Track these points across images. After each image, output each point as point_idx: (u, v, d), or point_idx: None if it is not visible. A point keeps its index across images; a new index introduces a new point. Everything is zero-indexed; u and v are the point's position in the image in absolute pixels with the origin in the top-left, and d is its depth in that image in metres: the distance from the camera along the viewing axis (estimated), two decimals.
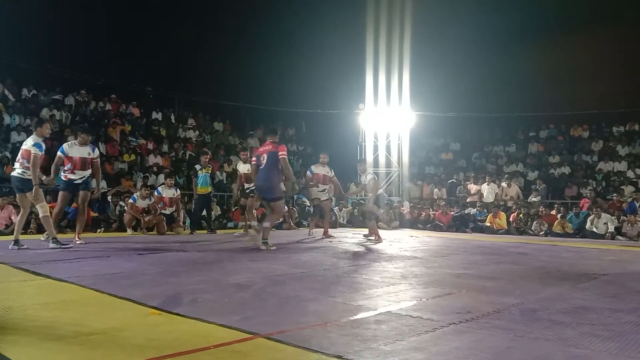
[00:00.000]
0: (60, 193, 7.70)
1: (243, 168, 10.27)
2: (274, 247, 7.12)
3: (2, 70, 16.27)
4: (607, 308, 3.42)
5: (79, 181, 7.67)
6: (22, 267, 4.85)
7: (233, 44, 23.60)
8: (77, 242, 7.47)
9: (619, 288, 4.37)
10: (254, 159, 7.59)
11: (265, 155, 7.22)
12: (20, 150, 6.93)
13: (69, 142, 7.80)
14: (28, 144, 6.80)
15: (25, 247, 6.67)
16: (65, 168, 7.62)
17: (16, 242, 6.71)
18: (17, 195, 7.05)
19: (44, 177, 7.15)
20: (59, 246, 6.66)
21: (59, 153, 7.65)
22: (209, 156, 11.75)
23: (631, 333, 2.77)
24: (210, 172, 11.45)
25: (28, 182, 6.74)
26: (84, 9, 20.01)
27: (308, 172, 10.54)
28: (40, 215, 6.91)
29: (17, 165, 6.89)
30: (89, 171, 7.77)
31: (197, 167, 11.29)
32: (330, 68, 22.01)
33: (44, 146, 6.90)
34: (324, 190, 10.32)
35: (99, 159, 7.99)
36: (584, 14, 20.74)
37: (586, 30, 20.34)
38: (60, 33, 19.33)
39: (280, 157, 7.11)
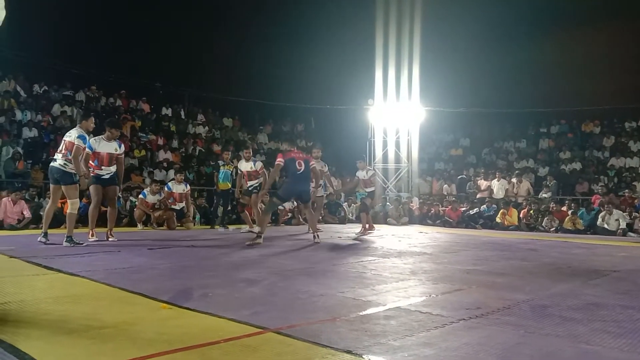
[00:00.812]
0: (93, 187, 7.36)
1: (246, 166, 10.13)
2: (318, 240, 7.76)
3: (15, 66, 16.43)
4: (619, 305, 3.39)
5: (107, 176, 7.45)
6: (34, 262, 4.90)
7: (242, 40, 23.63)
8: (110, 239, 7.37)
9: (631, 285, 4.34)
10: (279, 160, 7.82)
11: (302, 162, 7.73)
12: (63, 142, 6.86)
13: (96, 137, 7.57)
14: (72, 135, 6.77)
15: (50, 242, 6.69)
16: (92, 164, 7.37)
17: (45, 235, 6.78)
18: (51, 186, 6.98)
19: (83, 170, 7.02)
20: (72, 245, 6.57)
21: (87, 149, 7.32)
22: (230, 153, 11.85)
23: None
24: (232, 169, 11.47)
25: (67, 175, 6.73)
26: (94, 5, 20.12)
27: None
28: (69, 210, 6.82)
29: (58, 156, 6.82)
30: (115, 167, 7.56)
31: (220, 162, 11.39)
32: (339, 63, 21.98)
33: (87, 139, 6.96)
34: (320, 186, 10.25)
35: (123, 155, 7.84)
36: (596, 7, 20.47)
37: (598, 24, 20.12)
38: (71, 29, 19.44)
39: (313, 166, 8.07)
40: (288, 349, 2.30)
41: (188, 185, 11.98)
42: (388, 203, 15.79)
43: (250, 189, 10.04)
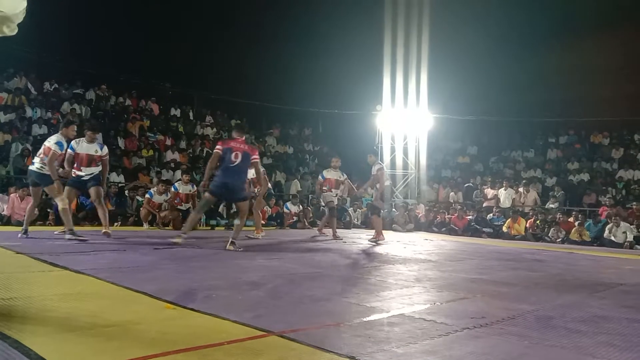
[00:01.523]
0: (67, 187, 7.65)
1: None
2: (241, 249, 6.75)
3: (26, 64, 16.56)
4: (625, 318, 3.36)
5: (87, 177, 7.71)
6: (41, 258, 4.92)
7: (251, 43, 23.70)
8: (102, 233, 7.65)
9: (637, 298, 4.30)
10: (218, 147, 7.02)
11: (239, 154, 6.83)
12: (43, 146, 7.17)
13: (77, 139, 7.88)
14: (51, 141, 7.08)
15: (31, 237, 6.96)
16: (74, 165, 7.73)
17: (25, 232, 7.11)
18: (32, 188, 7.39)
19: (60, 170, 7.42)
20: (74, 237, 6.83)
21: (69, 150, 7.74)
22: None
23: None
24: None
25: (45, 177, 6.99)
26: (105, 4, 20.26)
27: (320, 177, 10.39)
28: (60, 207, 7.09)
29: (36, 160, 7.14)
30: (98, 168, 7.79)
31: None
32: (348, 68, 21.98)
33: (65, 146, 7.24)
34: (336, 195, 10.21)
35: (108, 157, 8.05)
36: (607, 16, 20.39)
37: (611, 33, 20.00)
38: (82, 28, 19.59)
39: (253, 161, 7.06)
40: (291, 352, 2.30)
41: (195, 186, 12.01)
42: (394, 209, 15.76)
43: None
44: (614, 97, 20.08)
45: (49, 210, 10.51)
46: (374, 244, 8.90)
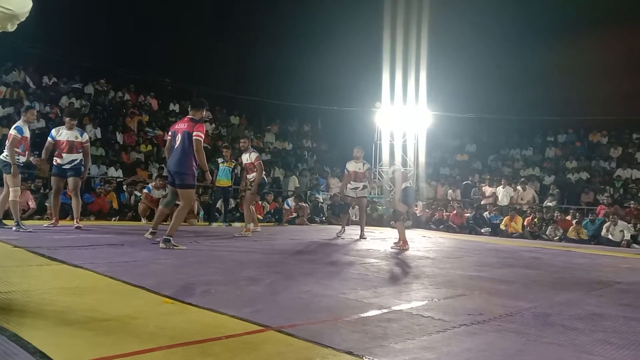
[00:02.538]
0: (53, 178, 8.03)
1: (244, 159, 9.41)
2: (184, 247, 6.06)
3: (25, 57, 16.50)
4: (622, 316, 3.38)
5: (67, 166, 7.86)
6: (39, 252, 4.92)
7: (251, 39, 23.62)
8: (75, 227, 7.78)
9: (634, 296, 4.32)
10: (169, 134, 6.62)
11: (179, 135, 6.14)
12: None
13: (57, 127, 8.13)
14: (11, 127, 7.34)
15: (29, 231, 6.99)
16: (56, 152, 7.88)
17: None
18: (4, 176, 7.43)
19: (32, 159, 7.70)
20: (19, 230, 6.91)
21: (48, 138, 7.94)
22: (230, 150, 11.83)
23: None
24: (232, 166, 11.46)
25: (7, 165, 7.17)
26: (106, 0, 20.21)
27: (345, 171, 9.79)
28: (11, 198, 7.20)
29: (5, 148, 7.37)
30: (79, 155, 7.97)
31: (220, 160, 11.40)
32: (348, 65, 21.93)
33: (25, 130, 7.32)
34: (356, 188, 9.49)
35: (89, 144, 8.33)
36: (608, 14, 20.36)
37: (612, 31, 19.96)
38: (82, 23, 19.52)
39: (195, 138, 6.07)
40: (289, 348, 2.30)
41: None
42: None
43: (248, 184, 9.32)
44: (613, 96, 20.07)
45: (46, 204, 10.50)
46: (397, 249, 7.47)
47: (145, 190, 11.36)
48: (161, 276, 4.01)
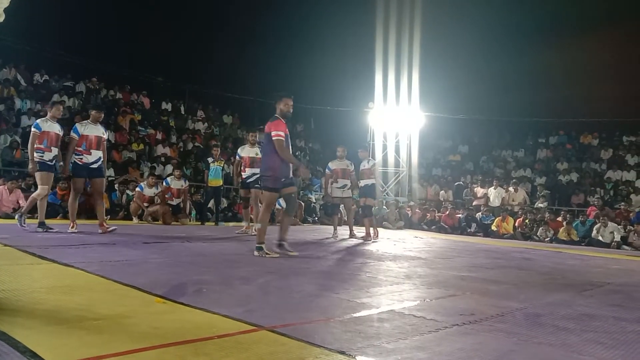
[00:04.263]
0: (75, 179, 7.26)
1: (250, 152, 9.00)
2: (277, 255, 5.76)
3: (16, 55, 16.39)
4: (612, 316, 3.40)
5: (95, 165, 7.25)
6: (29, 251, 4.88)
7: (244, 39, 23.67)
8: (100, 231, 7.23)
9: (624, 297, 4.35)
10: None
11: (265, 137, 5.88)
12: None
13: (82, 122, 7.52)
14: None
15: (55, 230, 6.94)
16: (80, 149, 7.17)
17: (41, 224, 7.01)
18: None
19: (60, 163, 7.25)
20: (21, 225, 6.98)
21: (72, 134, 7.25)
22: (219, 149, 11.80)
23: (635, 342, 2.76)
24: (222, 165, 11.45)
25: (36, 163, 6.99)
26: None
27: (327, 170, 9.82)
28: (33, 195, 7.13)
29: None
30: (102, 153, 7.42)
31: (210, 159, 11.35)
32: (341, 65, 22.01)
33: (44, 125, 7.08)
34: (344, 186, 9.48)
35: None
36: (597, 18, 20.53)
37: (600, 34, 20.13)
38: (73, 20, 19.42)
39: (273, 138, 5.67)
40: (282, 347, 2.30)
41: (187, 182, 11.98)
42: (385, 207, 15.81)
43: (251, 180, 8.78)
44: (603, 98, 20.27)
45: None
46: (361, 241, 8.73)
47: (137, 189, 11.32)
48: (153, 275, 3.99)
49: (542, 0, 21.91)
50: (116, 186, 12.40)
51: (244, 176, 8.95)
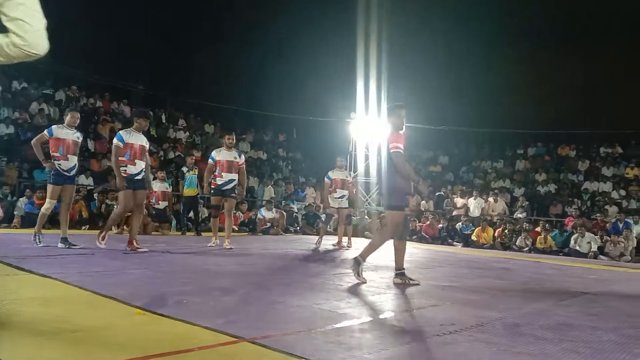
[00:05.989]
0: (124, 193, 6.65)
1: (227, 156, 8.02)
2: (417, 281, 5.11)
3: None
4: (589, 326, 3.46)
5: (139, 177, 6.77)
6: (5, 262, 4.78)
7: (226, 48, 23.59)
8: (128, 249, 6.77)
9: (601, 306, 4.42)
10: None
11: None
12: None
13: (127, 130, 6.96)
14: None
15: (78, 246, 6.60)
16: (124, 158, 6.65)
17: (64, 240, 6.59)
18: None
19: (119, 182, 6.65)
20: (35, 243, 6.41)
21: (115, 141, 6.72)
22: (195, 157, 11.67)
23: (611, 351, 2.81)
24: (197, 173, 11.32)
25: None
26: (78, 5, 19.90)
27: (326, 179, 9.66)
28: (42, 210, 6.69)
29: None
30: (145, 163, 6.95)
31: (184, 169, 11.23)
32: (323, 76, 22.07)
33: (56, 132, 6.67)
34: (342, 197, 9.53)
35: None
36: (573, 30, 20.98)
37: (578, 48, 20.55)
38: (54, 28, 19.17)
39: (391, 151, 5.22)
40: (263, 359, 2.30)
41: (171, 184, 11.79)
42: (366, 217, 15.85)
43: (227, 188, 7.95)
44: (581, 110, 20.67)
45: (15, 213, 10.27)
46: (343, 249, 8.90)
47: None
48: (133, 286, 3.95)
49: (521, 13, 22.32)
50: (95, 196, 12.24)
51: (219, 182, 7.94)
